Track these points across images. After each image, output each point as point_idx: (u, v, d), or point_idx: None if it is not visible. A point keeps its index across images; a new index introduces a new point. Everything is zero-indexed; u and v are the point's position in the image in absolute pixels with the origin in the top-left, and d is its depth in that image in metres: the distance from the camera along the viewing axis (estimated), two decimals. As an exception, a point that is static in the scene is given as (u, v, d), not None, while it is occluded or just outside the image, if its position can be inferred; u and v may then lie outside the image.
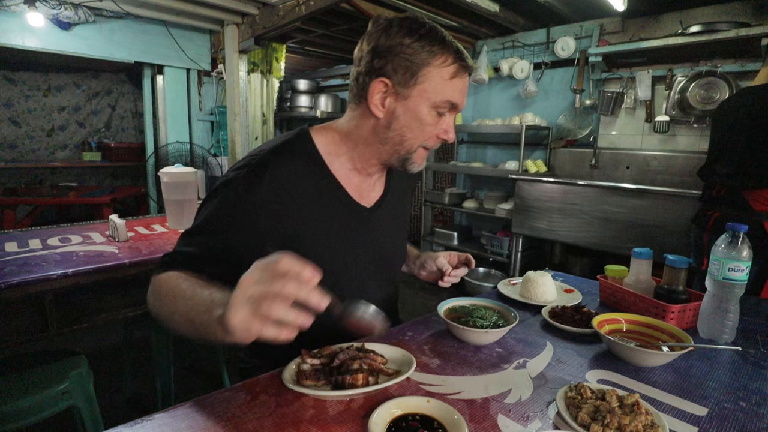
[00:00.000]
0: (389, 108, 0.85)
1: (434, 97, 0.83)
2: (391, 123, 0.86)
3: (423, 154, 0.91)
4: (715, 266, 0.95)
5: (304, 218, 0.86)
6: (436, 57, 0.81)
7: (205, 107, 4.34)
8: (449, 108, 0.86)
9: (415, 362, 0.77)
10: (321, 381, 0.73)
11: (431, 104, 0.84)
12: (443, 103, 0.84)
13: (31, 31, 3.17)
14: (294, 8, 3.11)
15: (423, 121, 0.85)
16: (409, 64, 0.81)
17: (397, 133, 0.86)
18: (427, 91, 0.83)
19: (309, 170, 0.88)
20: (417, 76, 0.82)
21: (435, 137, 0.88)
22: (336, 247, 0.91)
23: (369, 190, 0.97)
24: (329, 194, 0.89)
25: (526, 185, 3.04)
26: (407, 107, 0.84)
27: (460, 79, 0.85)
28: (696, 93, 2.69)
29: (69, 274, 1.27)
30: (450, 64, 0.83)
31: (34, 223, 4.06)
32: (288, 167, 0.85)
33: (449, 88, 0.84)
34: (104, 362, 2.27)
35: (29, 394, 1.22)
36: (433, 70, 0.82)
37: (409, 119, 0.85)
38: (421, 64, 0.81)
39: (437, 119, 0.86)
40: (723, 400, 0.75)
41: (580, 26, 3.24)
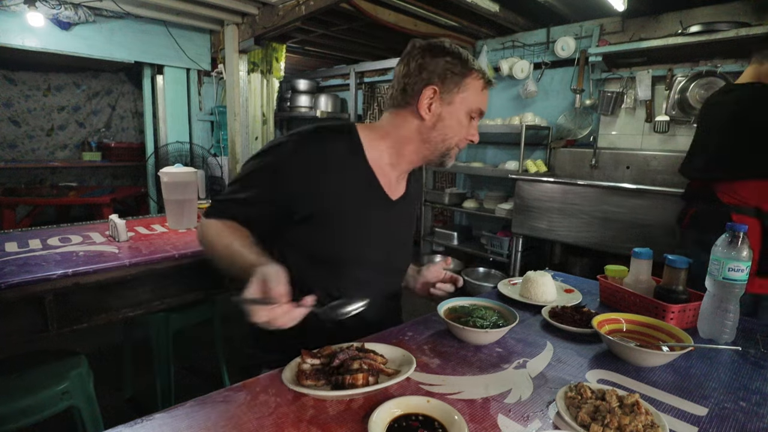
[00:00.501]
0: (435, 112, 0.99)
1: (471, 105, 1.00)
2: (436, 124, 1.00)
3: (455, 153, 1.06)
4: (715, 266, 0.95)
5: (336, 196, 0.96)
6: (471, 71, 0.98)
7: (205, 107, 4.34)
8: (478, 114, 1.03)
9: (415, 362, 0.77)
10: (321, 381, 0.73)
11: (468, 110, 1.00)
12: (476, 110, 1.02)
13: (31, 31, 3.17)
14: (294, 8, 3.11)
15: (461, 124, 1.01)
16: (453, 75, 0.97)
17: (441, 133, 1.01)
18: (466, 99, 0.99)
19: (349, 155, 0.99)
20: (460, 85, 0.98)
21: (465, 138, 1.04)
22: (360, 227, 1.00)
23: (396, 186, 1.08)
24: (363, 180, 1.00)
25: (526, 185, 3.04)
26: (451, 112, 1.00)
27: (486, 91, 1.03)
28: (696, 93, 2.69)
29: (69, 274, 1.27)
30: (481, 78, 1.00)
31: (34, 223, 4.06)
32: (332, 146, 0.97)
33: (480, 98, 1.01)
34: (104, 362, 2.27)
35: (29, 394, 1.22)
36: (471, 81, 0.99)
37: (452, 122, 1.00)
38: (462, 76, 0.98)
39: (470, 123, 1.03)
40: (723, 400, 0.75)
41: (580, 26, 3.24)
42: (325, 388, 0.72)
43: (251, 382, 0.76)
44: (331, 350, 0.79)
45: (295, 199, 0.94)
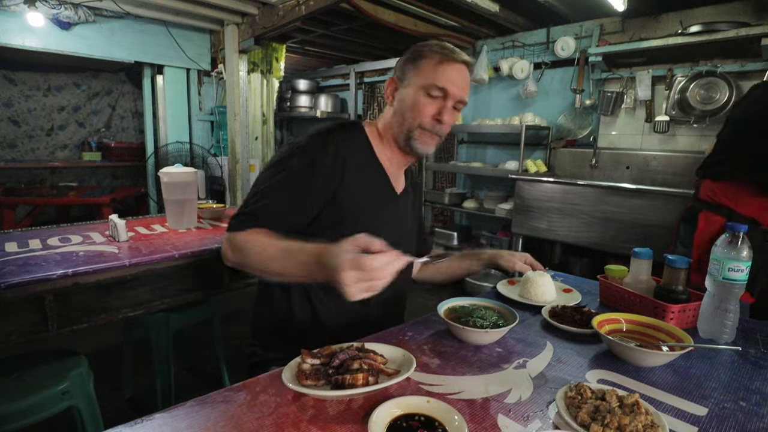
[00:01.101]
0: (396, 97, 1.05)
1: (423, 81, 1.00)
2: (396, 108, 1.05)
3: (426, 136, 1.04)
4: (715, 266, 0.95)
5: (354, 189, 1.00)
6: (429, 52, 1.01)
7: (205, 107, 4.34)
8: (442, 93, 1.01)
9: (415, 362, 0.77)
10: (321, 381, 0.73)
11: (420, 86, 1.00)
12: (430, 86, 1.00)
13: (31, 31, 3.17)
14: (294, 8, 3.11)
15: (416, 102, 1.01)
16: (408, 63, 1.03)
17: (399, 115, 1.04)
18: (417, 76, 1.01)
19: (362, 151, 1.05)
20: (415, 66, 1.02)
21: (430, 118, 1.02)
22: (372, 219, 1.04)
23: (399, 179, 1.14)
24: (374, 174, 1.06)
25: (526, 185, 3.04)
26: (405, 92, 1.03)
27: (448, 66, 1.00)
28: (696, 93, 2.69)
29: (69, 274, 1.27)
30: (437, 53, 1.01)
31: (34, 223, 4.06)
32: (348, 142, 1.02)
33: (436, 73, 0.99)
34: (104, 362, 2.27)
35: (29, 394, 1.22)
36: (424, 60, 1.01)
37: (406, 101, 1.02)
38: (417, 60, 1.02)
39: (430, 101, 1.01)
40: (723, 400, 0.75)
41: (580, 26, 3.24)
42: (325, 388, 0.72)
43: (251, 382, 0.76)
44: (331, 350, 0.79)
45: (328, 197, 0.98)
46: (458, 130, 3.92)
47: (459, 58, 1.01)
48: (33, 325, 1.27)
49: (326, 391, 0.70)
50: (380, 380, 0.73)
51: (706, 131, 2.83)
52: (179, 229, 1.85)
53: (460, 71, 1.02)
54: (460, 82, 1.02)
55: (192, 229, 1.87)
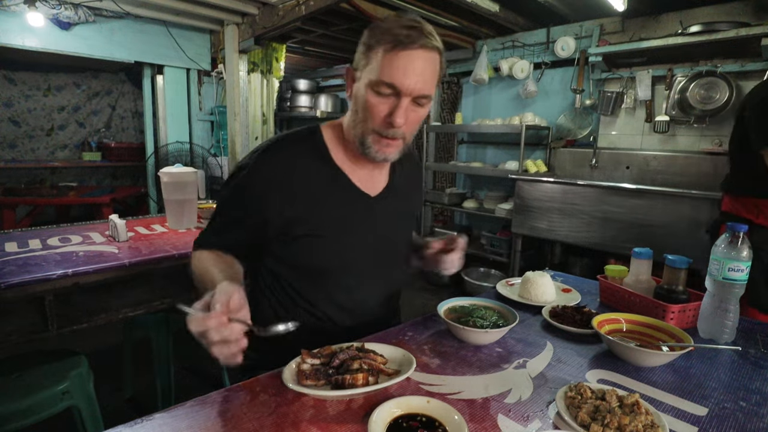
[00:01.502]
0: (352, 93, 0.90)
1: (371, 75, 0.82)
2: (351, 107, 0.90)
3: (381, 142, 0.88)
4: (715, 266, 0.95)
5: (309, 203, 0.91)
6: (383, 36, 0.81)
7: (205, 107, 4.34)
8: (391, 90, 0.82)
9: (415, 362, 0.77)
10: (321, 381, 0.73)
11: (368, 82, 0.83)
12: (377, 83, 0.82)
13: (31, 31, 3.17)
14: (294, 8, 3.11)
15: (366, 103, 0.84)
16: (363, 48, 0.85)
17: (353, 117, 0.90)
18: (367, 68, 0.83)
19: (314, 159, 0.94)
20: (364, 57, 0.84)
21: (381, 121, 0.85)
22: (339, 230, 0.94)
23: (374, 180, 1.00)
24: (333, 182, 0.94)
25: (526, 185, 3.04)
26: (357, 90, 0.87)
27: (399, 55, 0.80)
28: (696, 93, 2.69)
29: (69, 274, 1.27)
30: (388, 40, 0.80)
31: (34, 223, 4.05)
32: (294, 155, 0.92)
33: (383, 66, 0.81)
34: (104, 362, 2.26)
35: (29, 394, 1.22)
36: (374, 50, 0.82)
37: (357, 101, 0.87)
38: (370, 48, 0.83)
39: (379, 100, 0.83)
40: (723, 400, 0.75)
41: (580, 26, 3.24)
42: (325, 388, 0.72)
43: (251, 382, 0.76)
44: (331, 350, 0.79)
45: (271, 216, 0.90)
46: (458, 130, 3.92)
47: (414, 42, 0.80)
48: (33, 325, 1.27)
49: (326, 391, 0.70)
50: (380, 380, 0.73)
51: (706, 131, 2.83)
52: (179, 229, 1.85)
53: (415, 59, 0.80)
54: (415, 74, 0.81)
55: (192, 229, 1.87)
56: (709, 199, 2.30)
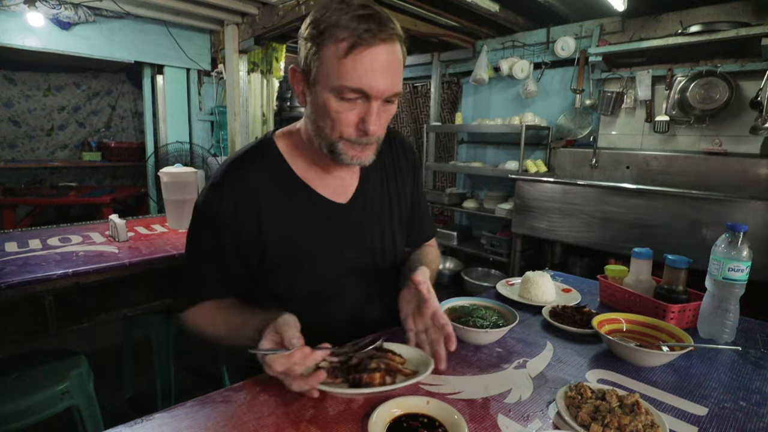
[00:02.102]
0: (306, 98, 0.81)
1: (331, 81, 0.73)
2: (310, 113, 0.81)
3: (354, 148, 0.80)
4: (715, 266, 0.95)
5: (275, 221, 0.86)
6: (334, 31, 0.72)
7: (205, 107, 4.34)
8: (359, 95, 0.74)
9: (432, 363, 0.76)
10: (339, 378, 0.73)
11: (330, 89, 0.74)
12: (341, 88, 0.73)
13: (31, 31, 3.17)
14: (294, 8, 3.11)
15: (330, 110, 0.76)
16: (310, 44, 0.75)
17: (314, 124, 0.81)
18: (324, 75, 0.74)
19: (272, 174, 0.87)
20: (316, 56, 0.74)
21: (353, 129, 0.78)
22: (313, 243, 0.89)
23: (339, 185, 0.92)
24: (296, 195, 0.88)
25: (526, 185, 3.04)
26: (315, 95, 0.78)
27: (362, 56, 0.71)
28: (696, 93, 2.69)
29: (69, 274, 1.27)
30: (345, 38, 0.71)
31: (34, 223, 4.05)
32: (249, 176, 0.86)
33: (345, 69, 0.72)
34: (104, 362, 2.26)
35: (29, 394, 1.22)
36: (327, 51, 0.73)
37: (318, 108, 0.78)
38: (320, 44, 0.73)
39: (348, 107, 0.75)
40: (723, 400, 0.75)
41: (580, 26, 3.24)
42: (343, 385, 0.72)
43: (251, 382, 0.76)
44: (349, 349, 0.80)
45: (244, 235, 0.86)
46: (458, 130, 3.92)
47: (375, 37, 0.71)
48: (33, 325, 1.27)
49: (343, 389, 0.70)
50: (397, 380, 0.74)
51: (706, 131, 2.83)
52: (179, 229, 1.85)
53: (381, 57, 0.72)
54: (383, 74, 0.73)
55: (192, 229, 1.87)
56: (709, 199, 2.30)
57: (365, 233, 0.95)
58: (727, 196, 2.28)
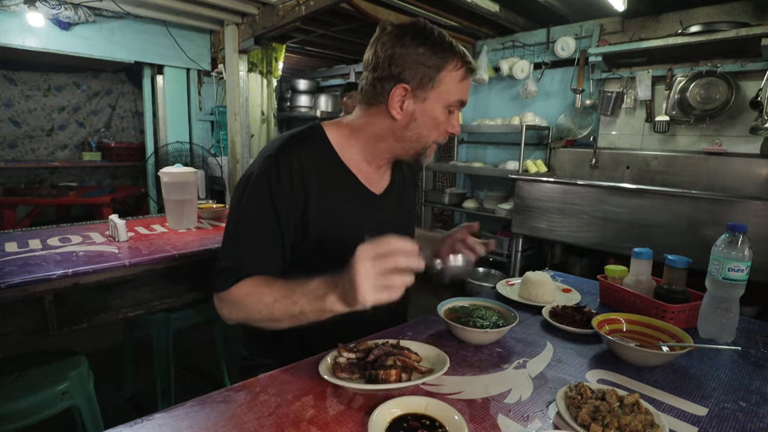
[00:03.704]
0: (407, 110, 0.91)
1: (449, 98, 0.91)
2: (410, 124, 0.93)
3: (434, 148, 1.00)
4: (715, 266, 0.95)
5: (323, 201, 0.92)
6: (448, 62, 0.89)
7: (205, 107, 4.34)
8: (459, 106, 0.94)
9: (449, 361, 0.77)
10: (355, 375, 0.74)
11: (445, 104, 0.92)
12: (456, 103, 0.93)
13: (31, 31, 3.16)
14: (294, 8, 3.11)
15: (438, 120, 0.93)
16: (426, 70, 0.88)
17: (415, 132, 0.94)
18: (443, 93, 0.90)
19: (323, 158, 0.94)
20: (434, 80, 0.89)
21: (444, 132, 0.96)
22: (352, 228, 0.95)
23: (378, 179, 1.03)
24: (343, 180, 0.96)
25: (526, 185, 3.04)
26: (425, 109, 0.92)
27: (468, 80, 0.93)
28: (696, 93, 2.69)
29: (69, 274, 1.27)
30: (460, 67, 0.90)
31: (34, 223, 4.05)
32: (304, 154, 0.91)
33: (460, 89, 0.92)
34: (104, 362, 2.26)
35: (29, 394, 1.22)
36: (446, 74, 0.89)
37: (426, 120, 0.93)
38: (437, 70, 0.89)
39: (448, 116, 0.94)
40: (723, 400, 0.75)
41: (580, 26, 3.24)
42: (360, 381, 0.73)
43: (251, 382, 0.76)
44: (366, 345, 0.81)
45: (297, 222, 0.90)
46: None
47: (475, 68, 0.96)
48: (33, 325, 1.27)
49: (360, 385, 0.71)
50: (413, 377, 0.74)
51: (706, 131, 2.83)
52: (179, 229, 1.85)
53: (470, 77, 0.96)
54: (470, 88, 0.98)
55: (192, 229, 1.87)
56: (709, 199, 2.30)
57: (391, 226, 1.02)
58: (727, 196, 2.28)
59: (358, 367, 0.76)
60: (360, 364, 0.76)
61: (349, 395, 0.72)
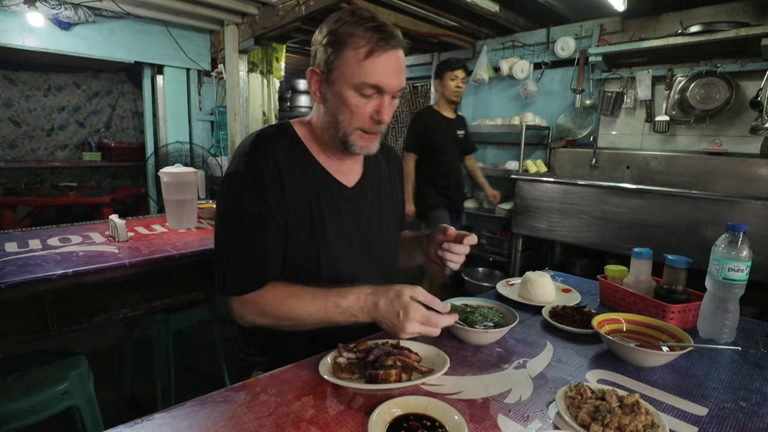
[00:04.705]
0: (323, 95, 0.93)
1: (352, 79, 0.87)
2: (326, 108, 0.93)
3: (364, 137, 0.93)
4: (715, 266, 0.95)
5: (298, 195, 0.93)
6: (352, 39, 0.86)
7: (205, 107, 4.34)
8: (375, 90, 0.88)
9: (449, 361, 0.77)
10: (355, 374, 0.74)
11: (351, 86, 0.88)
12: (362, 85, 0.87)
13: (31, 31, 3.16)
14: (294, 8, 3.11)
15: (348, 104, 0.89)
16: (330, 50, 0.88)
17: (331, 117, 0.93)
18: (345, 74, 0.87)
19: (293, 153, 0.96)
20: (338, 60, 0.87)
21: (368, 119, 0.91)
22: (326, 221, 0.96)
23: (347, 171, 1.02)
24: (314, 174, 0.97)
25: (526, 185, 3.04)
26: (333, 92, 0.90)
27: (379, 59, 0.86)
28: (696, 93, 2.69)
29: (69, 274, 1.27)
30: (364, 45, 0.86)
31: (34, 223, 4.05)
32: (276, 150, 0.93)
33: (365, 69, 0.86)
34: (104, 362, 2.26)
35: (29, 394, 1.22)
36: (348, 53, 0.86)
37: (337, 103, 0.91)
38: (339, 50, 0.87)
39: (365, 101, 0.89)
40: (723, 400, 0.75)
41: (580, 26, 3.24)
42: (360, 381, 0.73)
43: (251, 382, 0.76)
44: (366, 345, 0.81)
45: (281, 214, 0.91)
46: (458, 130, 3.92)
47: (390, 45, 0.87)
48: (33, 325, 1.27)
49: (360, 385, 0.71)
50: (413, 377, 0.75)
51: (706, 131, 2.83)
52: (179, 229, 1.85)
53: (393, 60, 0.88)
54: (395, 73, 0.88)
55: (192, 229, 1.87)
56: (709, 199, 2.30)
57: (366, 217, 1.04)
58: (727, 196, 2.28)
59: (358, 367, 0.76)
60: (360, 364, 0.76)
61: (349, 395, 0.72)
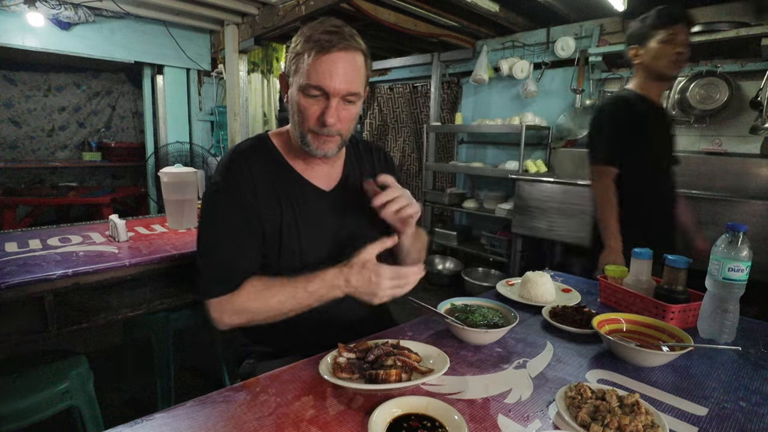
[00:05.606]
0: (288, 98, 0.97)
1: (299, 81, 0.91)
2: (290, 111, 0.97)
3: (319, 140, 0.95)
4: (715, 266, 0.95)
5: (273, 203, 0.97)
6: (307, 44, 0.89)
7: (205, 107, 4.34)
8: (320, 92, 0.90)
9: (449, 361, 0.77)
10: (355, 374, 0.74)
11: (299, 88, 0.91)
12: (306, 87, 0.90)
13: (31, 31, 3.17)
14: (294, 8, 3.11)
15: (298, 106, 0.93)
16: (292, 56, 0.93)
17: (291, 120, 0.98)
18: (297, 74, 0.91)
19: (270, 163, 1.00)
20: (294, 65, 0.92)
21: (315, 121, 0.93)
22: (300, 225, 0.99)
23: (324, 175, 1.05)
24: (289, 180, 1.00)
25: (526, 185, 3.04)
26: (290, 95, 0.95)
27: (321, 60, 0.88)
28: (696, 93, 2.69)
29: (69, 274, 1.27)
30: (311, 48, 0.88)
31: (34, 223, 4.05)
32: (254, 161, 0.98)
33: (309, 71, 0.88)
34: (104, 362, 2.27)
35: (29, 394, 1.22)
36: (302, 57, 0.90)
37: (293, 105, 0.95)
38: (298, 54, 0.91)
39: (311, 102, 0.91)
40: (723, 400, 0.75)
41: (580, 26, 3.24)
42: (360, 381, 0.73)
43: (251, 382, 0.76)
44: (366, 345, 0.81)
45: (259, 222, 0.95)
46: (458, 130, 3.92)
47: (334, 46, 0.87)
48: (33, 325, 1.27)
49: (360, 385, 0.71)
50: (413, 377, 0.75)
51: (706, 131, 2.83)
52: (179, 229, 1.85)
53: (337, 61, 0.88)
54: (338, 75, 0.88)
55: (192, 229, 1.87)
56: (709, 199, 2.30)
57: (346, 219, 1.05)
58: (727, 196, 2.28)
59: (358, 367, 0.76)
60: (360, 364, 0.76)
61: (349, 395, 0.72)
